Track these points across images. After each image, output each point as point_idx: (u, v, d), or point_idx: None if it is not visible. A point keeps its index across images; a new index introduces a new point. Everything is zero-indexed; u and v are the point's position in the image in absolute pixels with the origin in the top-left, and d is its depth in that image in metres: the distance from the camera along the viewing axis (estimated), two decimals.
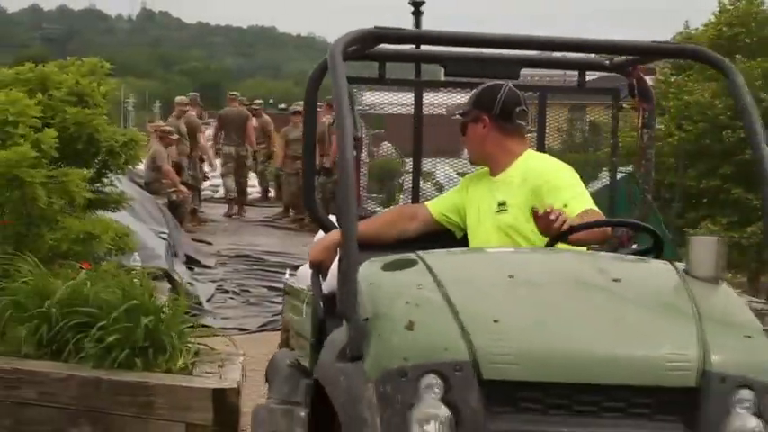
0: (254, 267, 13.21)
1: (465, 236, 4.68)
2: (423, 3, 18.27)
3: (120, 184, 7.43)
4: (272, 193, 21.15)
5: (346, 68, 4.13)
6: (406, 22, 18.76)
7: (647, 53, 4.80)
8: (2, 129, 6.13)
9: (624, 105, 5.41)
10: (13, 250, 6.19)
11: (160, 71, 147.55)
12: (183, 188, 16.01)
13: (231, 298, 11.32)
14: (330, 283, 4.31)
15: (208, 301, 10.85)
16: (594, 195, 4.64)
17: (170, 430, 5.35)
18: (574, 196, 4.44)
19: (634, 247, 4.45)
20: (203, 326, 6.49)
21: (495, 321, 3.54)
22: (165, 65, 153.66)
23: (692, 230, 19.32)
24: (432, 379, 3.42)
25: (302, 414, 4.23)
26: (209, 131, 21.46)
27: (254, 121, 19.68)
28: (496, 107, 4.62)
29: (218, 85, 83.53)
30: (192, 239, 14.98)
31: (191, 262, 13.08)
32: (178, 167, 16.62)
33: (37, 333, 5.67)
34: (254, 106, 20.46)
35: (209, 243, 15.30)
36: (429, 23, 18.76)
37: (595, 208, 4.46)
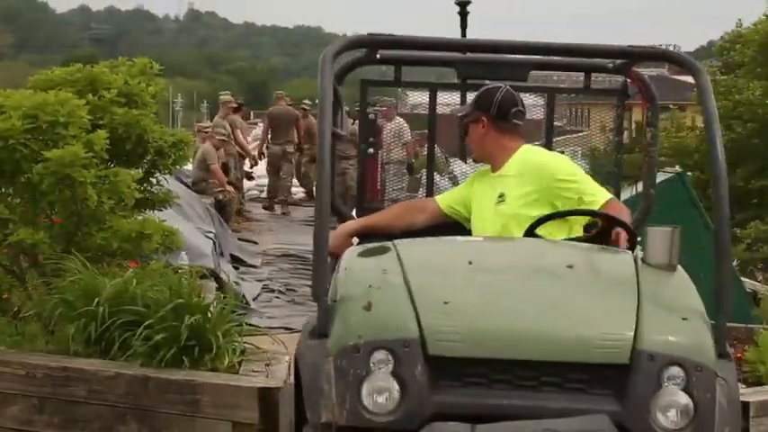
0: (300, 267, 13.23)
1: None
2: (469, 2, 18.23)
3: (167, 183, 7.47)
4: (300, 194, 21.21)
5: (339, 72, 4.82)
6: (454, 23, 18.76)
7: (619, 56, 5.26)
8: (53, 129, 6.17)
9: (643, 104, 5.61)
10: (62, 249, 6.24)
11: (207, 71, 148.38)
12: (229, 188, 16.08)
13: (277, 297, 11.34)
14: None
15: (254, 300, 10.88)
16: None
17: (216, 429, 5.37)
18: (589, 188, 4.89)
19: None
20: (249, 325, 6.51)
21: (445, 303, 3.93)
22: (212, 65, 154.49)
23: (740, 230, 19.14)
24: (382, 355, 3.80)
25: (290, 391, 4.73)
26: (256, 131, 21.55)
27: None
28: (494, 108, 5.00)
29: (265, 85, 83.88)
30: (238, 239, 15.05)
31: (236, 261, 13.12)
32: (225, 167, 16.71)
33: (85, 331, 5.71)
34: (303, 107, 20.53)
35: (255, 242, 15.35)
36: (476, 24, 18.70)
37: (612, 197, 4.98)
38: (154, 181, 6.96)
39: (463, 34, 18.57)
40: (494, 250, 4.59)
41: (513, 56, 5.20)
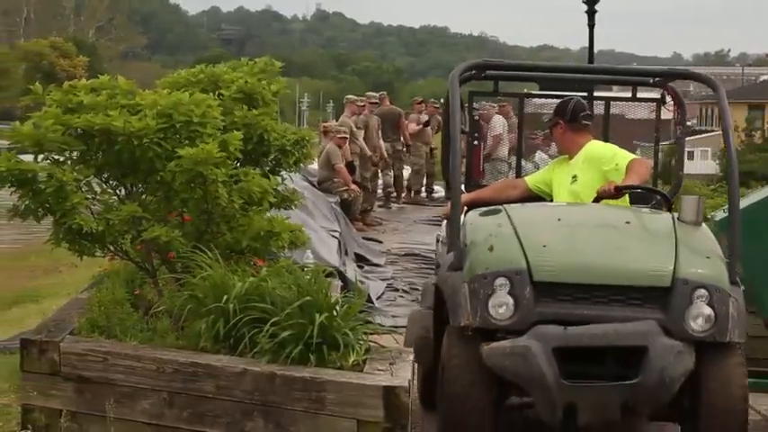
0: (423, 266, 13.24)
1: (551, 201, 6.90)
2: (597, 1, 18.03)
3: (292, 182, 7.53)
4: (440, 193, 21.26)
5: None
6: (581, 21, 18.55)
7: (656, 76, 7.38)
8: (187, 128, 6.27)
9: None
10: (192, 247, 6.34)
11: (333, 71, 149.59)
12: (354, 187, 16.17)
13: (401, 296, 11.38)
14: None
15: (378, 298, 10.93)
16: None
17: (341, 426, 5.40)
18: (621, 158, 6.71)
19: (653, 203, 6.79)
20: (374, 323, 6.53)
21: (543, 246, 5.83)
22: (338, 65, 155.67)
23: None
24: (502, 280, 5.66)
25: (430, 311, 6.61)
26: None
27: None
28: (568, 114, 6.88)
29: (390, 85, 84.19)
30: (363, 238, 15.12)
31: (361, 260, 13.20)
32: (350, 166, 16.81)
33: (214, 328, 5.79)
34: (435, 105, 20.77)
35: (379, 242, 15.41)
36: (602, 20, 18.49)
37: (638, 157, 6.91)
38: (278, 179, 7.00)
39: (591, 33, 18.42)
40: (574, 211, 6.53)
41: (578, 74, 7.48)
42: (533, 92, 7.99)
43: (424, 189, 21.50)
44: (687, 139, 7.85)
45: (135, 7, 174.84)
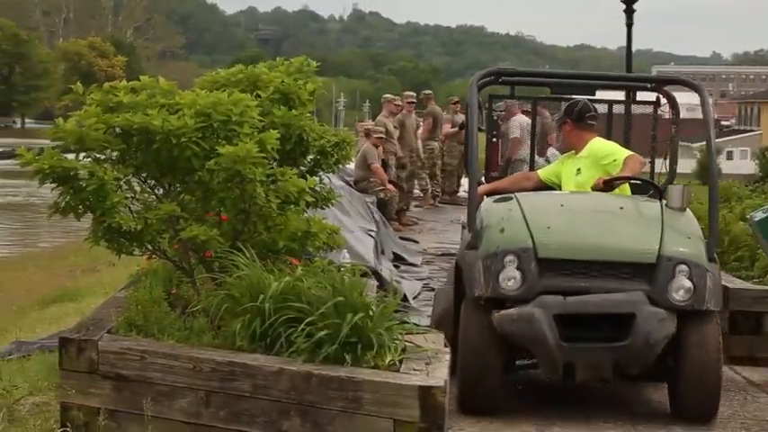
0: None
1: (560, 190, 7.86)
2: (635, 0, 17.91)
3: (329, 181, 7.54)
4: None
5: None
6: (619, 20, 18.45)
7: (651, 81, 8.76)
8: (225, 128, 6.29)
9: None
10: (229, 246, 6.36)
11: (370, 71, 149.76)
12: (390, 186, 16.17)
13: None
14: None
15: (414, 298, 10.92)
16: None
17: (378, 426, 5.40)
18: (619, 154, 7.76)
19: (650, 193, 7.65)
20: (410, 323, 6.53)
21: (547, 228, 6.85)
22: (375, 65, 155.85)
23: None
24: (511, 257, 6.68)
25: (450, 288, 7.55)
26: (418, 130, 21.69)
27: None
28: (574, 114, 7.86)
29: (427, 85, 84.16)
30: (400, 237, 15.12)
31: (397, 259, 13.18)
32: (384, 165, 16.81)
33: (251, 327, 5.80)
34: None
35: (416, 241, 15.40)
36: (640, 19, 18.39)
37: (634, 153, 7.79)
38: (317, 179, 7.02)
39: (628, 32, 18.31)
40: (575, 199, 7.51)
41: (584, 80, 8.44)
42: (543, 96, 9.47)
43: (463, 190, 21.49)
44: (725, 139, 9.91)
45: (173, 7, 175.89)
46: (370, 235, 11.70)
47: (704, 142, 8.90)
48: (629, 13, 18.18)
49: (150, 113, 6.21)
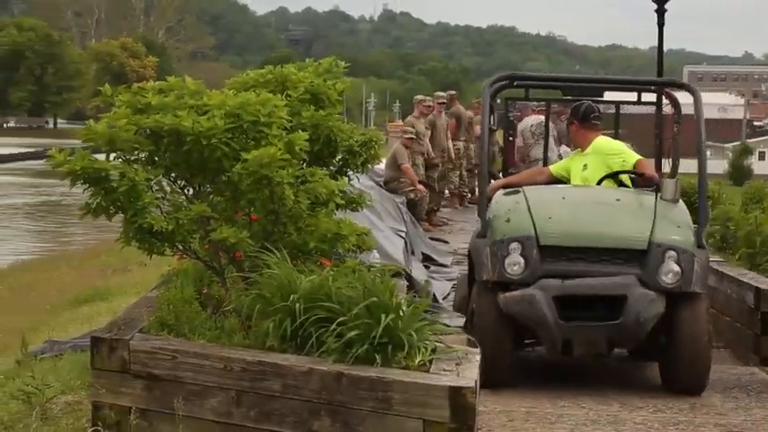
0: None
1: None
2: (667, 0, 17.80)
3: (359, 182, 7.54)
4: None
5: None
6: (650, 20, 18.34)
7: (652, 84, 9.53)
8: (254, 129, 6.31)
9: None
10: (259, 247, 6.37)
11: (400, 71, 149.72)
12: (420, 187, 16.17)
13: None
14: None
15: (444, 298, 10.92)
16: None
17: (407, 426, 5.39)
18: (628, 157, 8.50)
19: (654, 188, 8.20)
20: (441, 324, 6.53)
21: (549, 218, 7.61)
22: (405, 65, 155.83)
23: None
24: (515, 245, 7.44)
25: (463, 276, 8.70)
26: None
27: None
28: (580, 115, 8.61)
29: (457, 85, 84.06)
30: (430, 238, 15.11)
31: (427, 260, 13.19)
32: (413, 166, 16.81)
33: (281, 327, 5.80)
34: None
35: (446, 242, 15.39)
36: (672, 19, 18.28)
37: (641, 158, 8.56)
38: (345, 180, 7.02)
39: (660, 32, 18.22)
40: (576, 192, 8.28)
41: (592, 84, 9.28)
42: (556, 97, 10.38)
43: None
44: (758, 139, 11.07)
45: (204, 8, 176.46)
46: (400, 235, 11.70)
47: (737, 143, 9.23)
48: (661, 13, 18.06)
49: (180, 115, 6.23)
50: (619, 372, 8.12)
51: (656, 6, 18.02)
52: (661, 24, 18.20)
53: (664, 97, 9.22)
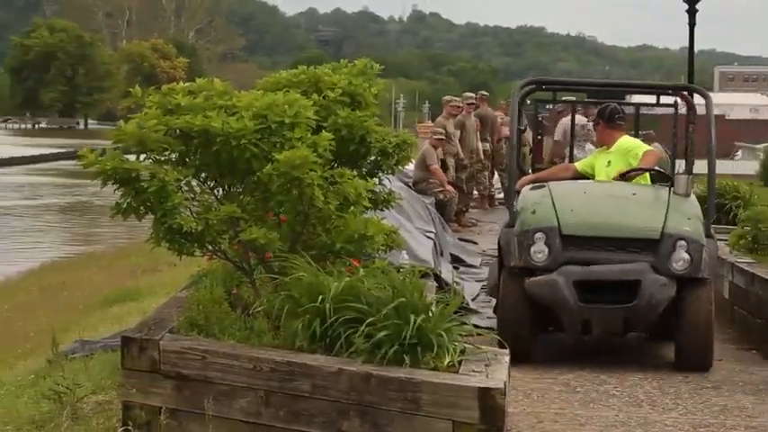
0: None
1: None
2: (698, 0, 17.74)
3: (388, 183, 7.55)
4: None
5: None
6: (681, 20, 18.27)
7: (670, 88, 10.48)
8: (280, 130, 6.33)
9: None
10: (288, 248, 6.38)
11: (429, 72, 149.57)
12: (449, 188, 16.16)
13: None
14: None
15: (473, 299, 10.90)
16: None
17: (436, 427, 5.39)
18: (640, 149, 9.34)
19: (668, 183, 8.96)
20: (470, 324, 6.51)
21: (571, 210, 8.41)
22: (434, 66, 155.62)
23: None
24: (540, 234, 8.24)
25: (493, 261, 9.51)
26: None
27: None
28: (606, 116, 9.45)
29: (486, 86, 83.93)
30: (459, 239, 15.09)
31: (456, 261, 13.17)
32: (444, 166, 16.79)
33: (311, 327, 5.81)
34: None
35: (475, 242, 15.36)
36: (703, 20, 18.20)
37: (652, 149, 9.49)
38: (376, 181, 7.02)
39: (691, 33, 18.16)
40: (597, 187, 9.09)
41: (616, 88, 10.80)
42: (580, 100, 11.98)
43: None
44: None
45: (234, 9, 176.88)
46: (429, 236, 11.69)
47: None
48: (692, 13, 18.01)
49: (210, 115, 6.26)
50: (649, 373, 8.08)
51: (686, 7, 17.98)
52: (692, 25, 18.16)
53: (679, 99, 10.06)
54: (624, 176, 9.07)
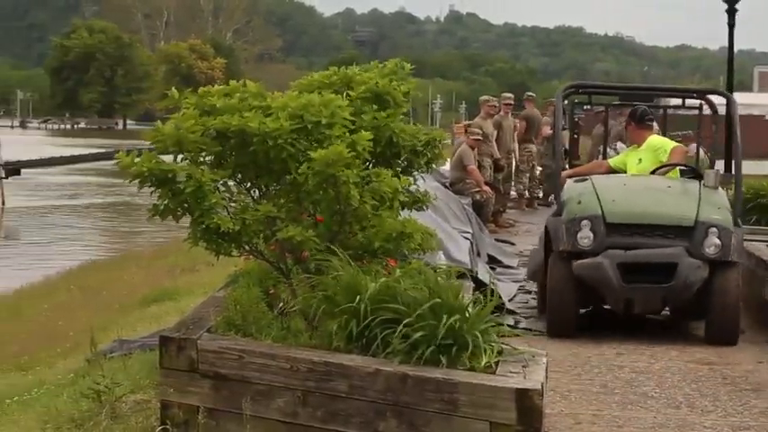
0: None
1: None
2: (737, 0, 17.60)
3: (424, 183, 7.52)
4: None
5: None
6: (720, 20, 18.14)
7: (695, 92, 11.72)
8: (317, 129, 6.33)
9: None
10: (324, 247, 6.39)
11: (466, 72, 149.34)
12: (486, 188, 16.12)
13: (533, 298, 11.28)
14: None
15: (510, 300, 10.86)
16: None
17: (474, 428, 5.38)
18: (668, 146, 10.32)
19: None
20: (507, 326, 6.49)
21: (613, 200, 9.36)
22: (471, 66, 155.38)
23: None
24: (586, 222, 9.20)
25: (541, 248, 10.08)
26: None
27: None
28: (636, 117, 10.42)
29: (524, 86, 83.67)
30: (495, 239, 15.05)
31: (493, 262, 13.14)
32: (480, 167, 16.75)
33: (347, 328, 5.82)
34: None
35: (512, 243, 15.32)
36: (743, 20, 18.07)
37: (679, 144, 10.63)
38: (410, 180, 7.01)
39: (730, 33, 18.03)
40: (635, 180, 10.02)
41: (645, 92, 11.90)
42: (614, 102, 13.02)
43: None
44: None
45: (271, 9, 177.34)
46: (466, 237, 11.66)
47: None
48: (731, 13, 17.89)
49: (247, 116, 6.27)
50: (688, 375, 8.03)
51: (726, 6, 17.85)
52: (731, 24, 18.03)
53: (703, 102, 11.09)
54: (656, 171, 10.03)
